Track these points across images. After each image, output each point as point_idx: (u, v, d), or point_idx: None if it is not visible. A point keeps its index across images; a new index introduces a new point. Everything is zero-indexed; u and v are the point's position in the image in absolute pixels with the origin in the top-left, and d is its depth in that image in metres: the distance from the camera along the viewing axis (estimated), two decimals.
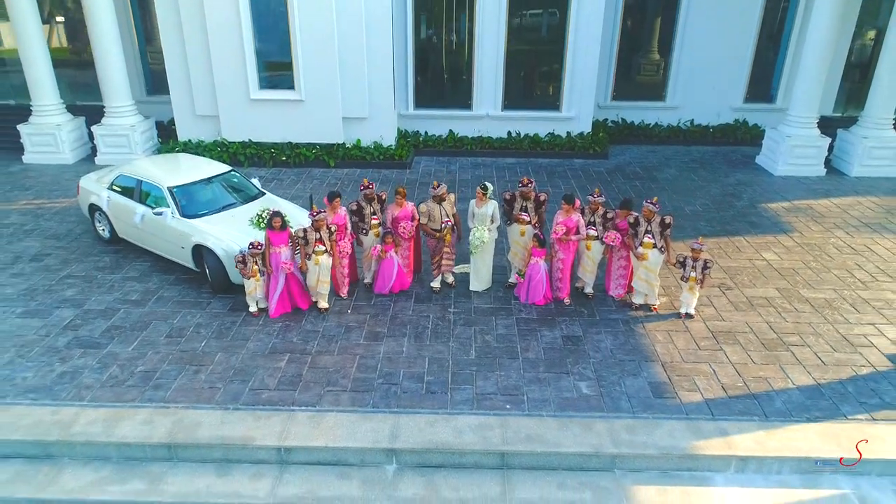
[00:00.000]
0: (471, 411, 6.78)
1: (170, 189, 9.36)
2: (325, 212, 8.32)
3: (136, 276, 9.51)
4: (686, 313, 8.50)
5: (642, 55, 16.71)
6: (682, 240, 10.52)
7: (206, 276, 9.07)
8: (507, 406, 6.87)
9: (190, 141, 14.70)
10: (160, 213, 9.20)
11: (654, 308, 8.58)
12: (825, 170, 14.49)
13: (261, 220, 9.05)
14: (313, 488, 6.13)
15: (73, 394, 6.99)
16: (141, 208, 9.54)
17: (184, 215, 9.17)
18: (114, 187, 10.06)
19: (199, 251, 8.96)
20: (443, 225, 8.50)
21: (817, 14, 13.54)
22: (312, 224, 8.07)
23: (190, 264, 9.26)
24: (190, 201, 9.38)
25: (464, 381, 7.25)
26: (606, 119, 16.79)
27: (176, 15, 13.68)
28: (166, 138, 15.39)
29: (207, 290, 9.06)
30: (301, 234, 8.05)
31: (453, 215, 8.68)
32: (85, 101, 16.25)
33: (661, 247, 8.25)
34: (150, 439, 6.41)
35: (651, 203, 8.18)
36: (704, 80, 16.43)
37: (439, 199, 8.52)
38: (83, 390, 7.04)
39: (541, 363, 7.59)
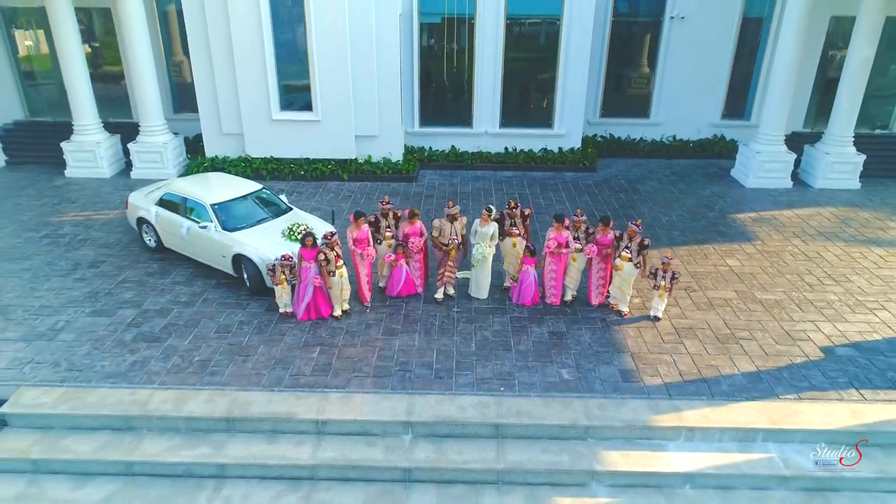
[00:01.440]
0: (471, 392, 8.29)
1: (212, 206, 10.87)
2: (336, 233, 9.71)
3: (182, 281, 11.02)
4: (654, 316, 9.95)
5: (631, 70, 18.20)
6: (658, 248, 12.00)
7: (244, 281, 10.59)
8: (501, 388, 8.37)
9: (217, 157, 16.21)
10: (205, 227, 10.71)
11: (625, 314, 10.02)
12: (792, 182, 15.98)
13: (292, 233, 10.57)
14: (345, 453, 7.64)
15: (144, 378, 8.50)
16: (187, 222, 11.04)
17: (224, 229, 10.68)
18: (161, 203, 11.57)
19: (238, 259, 10.47)
20: (450, 241, 9.95)
21: (783, 40, 15.05)
22: (327, 245, 9.44)
23: (229, 271, 10.78)
24: (229, 216, 10.88)
25: (466, 368, 8.76)
26: (595, 135, 18.29)
27: (205, 43, 15.17)
28: (194, 154, 16.89)
29: (246, 293, 10.56)
30: (322, 258, 9.42)
31: (462, 235, 10.10)
32: (116, 118, 17.69)
33: (637, 262, 9.69)
34: (212, 414, 7.92)
35: (635, 225, 9.63)
36: (685, 98, 17.92)
37: (452, 218, 9.96)
38: (152, 376, 8.55)
39: (530, 354, 9.10)
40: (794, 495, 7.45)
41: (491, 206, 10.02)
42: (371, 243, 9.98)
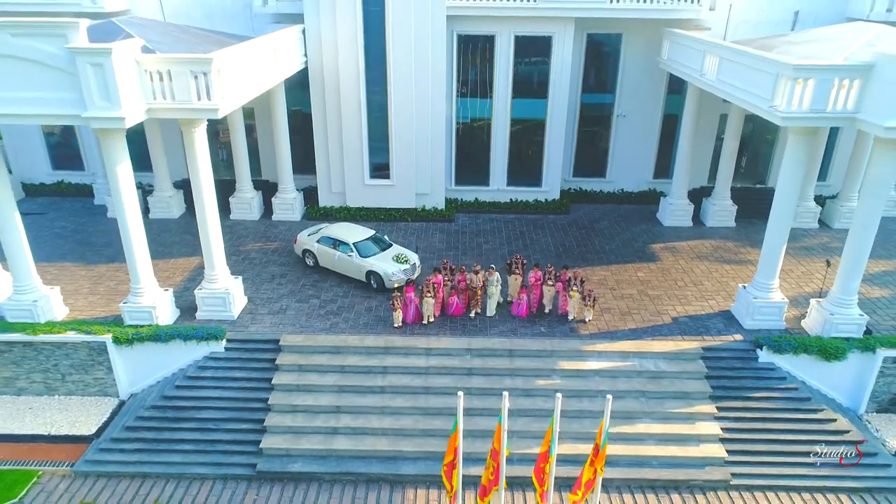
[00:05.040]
0: (498, 336, 17.42)
1: (353, 243, 20.02)
2: (431, 277, 18.63)
3: (336, 284, 20.15)
4: (587, 320, 18.78)
5: (593, 147, 27.33)
6: (600, 265, 21.16)
7: (371, 285, 19.69)
8: (512, 335, 17.49)
9: (326, 206, 25.37)
10: (350, 255, 19.86)
11: (575, 317, 18.88)
12: (692, 223, 25.07)
13: (398, 259, 19.70)
14: (441, 362, 16.78)
15: (339, 331, 17.61)
16: (337, 252, 20.17)
17: (360, 256, 19.82)
18: (320, 241, 20.69)
19: (369, 273, 19.60)
20: (476, 285, 18.61)
21: (683, 132, 24.19)
22: (425, 284, 18.29)
23: (362, 279, 19.90)
24: (362, 249, 20.01)
25: (493, 327, 17.89)
26: (569, 188, 27.45)
27: (324, 135, 24.37)
28: (310, 204, 25.99)
29: (373, 291, 19.64)
30: (421, 289, 18.36)
31: (482, 280, 18.90)
32: (252, 177, 26.80)
33: (580, 290, 18.62)
34: (377, 345, 17.05)
35: (578, 271, 18.65)
36: (629, 164, 27.06)
37: (475, 272, 18.82)
38: (343, 330, 17.67)
39: (525, 322, 18.20)
40: (644, 379, 16.58)
41: (492, 265, 18.88)
42: (442, 285, 18.70)
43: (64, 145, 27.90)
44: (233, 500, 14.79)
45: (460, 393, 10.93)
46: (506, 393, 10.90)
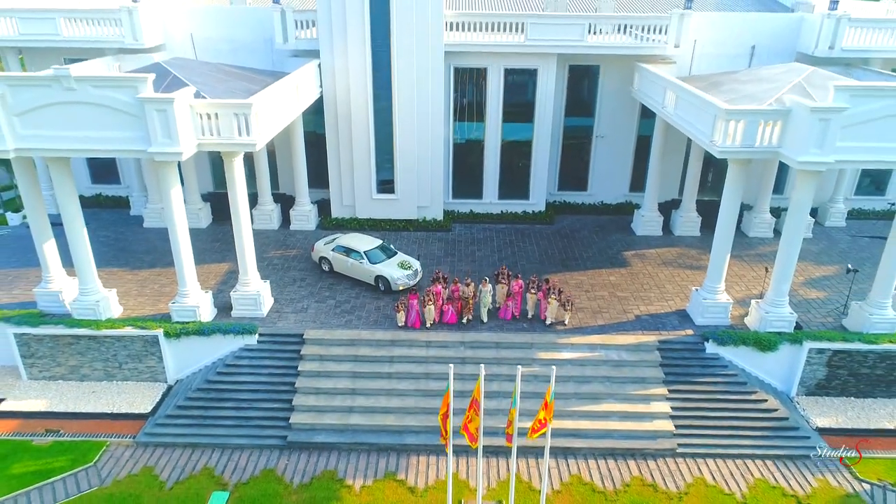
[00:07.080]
0: (488, 331, 20.67)
1: (364, 252, 23.27)
2: (431, 287, 21.92)
3: (349, 287, 23.40)
4: (564, 322, 22.03)
5: (575, 163, 30.58)
6: (578, 270, 24.42)
7: (379, 288, 22.93)
8: (499, 330, 20.73)
9: (338, 217, 28.62)
10: (361, 262, 23.12)
11: (556, 319, 22.12)
12: (662, 232, 28.31)
13: (402, 265, 22.95)
14: (439, 353, 20.03)
15: (353, 326, 20.86)
16: (350, 259, 23.41)
17: (370, 263, 23.07)
18: (334, 250, 23.94)
19: (377, 278, 22.84)
20: (469, 296, 21.87)
21: (653, 153, 27.44)
22: (428, 295, 21.52)
23: (371, 283, 23.14)
24: (371, 256, 23.26)
25: (483, 324, 21.12)
26: (554, 201, 30.70)
27: (337, 156, 27.64)
28: (323, 215, 29.23)
29: (380, 293, 22.89)
30: (423, 297, 21.59)
31: (474, 292, 22.09)
32: (272, 190, 30.03)
33: (558, 298, 21.85)
34: (386, 338, 20.31)
35: (554, 283, 21.92)
36: (608, 179, 30.33)
37: (466, 285, 22.01)
38: (356, 325, 20.92)
39: (513, 324, 21.43)
40: (608, 367, 19.84)
41: (486, 277, 22.15)
42: (440, 294, 21.98)
43: (101, 161, 31.09)
44: (268, 465, 18.03)
45: (451, 365, 14.38)
46: (482, 365, 14.41)
